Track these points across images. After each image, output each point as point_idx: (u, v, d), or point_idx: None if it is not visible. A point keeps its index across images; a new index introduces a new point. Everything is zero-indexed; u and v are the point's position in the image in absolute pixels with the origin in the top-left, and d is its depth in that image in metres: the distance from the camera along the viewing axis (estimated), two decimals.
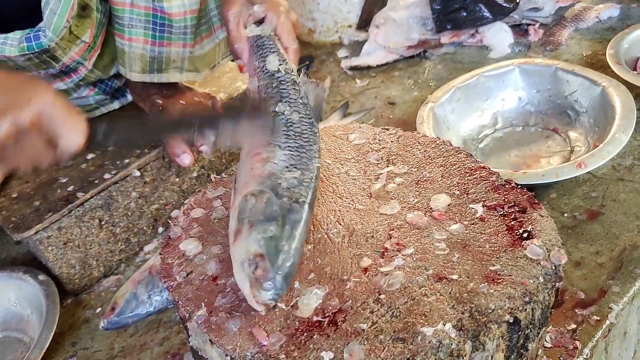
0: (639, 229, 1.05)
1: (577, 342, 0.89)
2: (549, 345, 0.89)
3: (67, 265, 1.19)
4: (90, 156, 1.28)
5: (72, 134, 0.74)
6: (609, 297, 0.95)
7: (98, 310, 1.20)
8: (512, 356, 0.67)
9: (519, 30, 1.71)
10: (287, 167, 0.75)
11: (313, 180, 0.76)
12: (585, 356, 0.89)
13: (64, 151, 0.75)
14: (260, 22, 1.00)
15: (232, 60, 1.28)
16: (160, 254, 0.81)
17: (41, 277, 1.16)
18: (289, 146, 0.78)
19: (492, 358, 0.63)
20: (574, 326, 0.92)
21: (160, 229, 1.32)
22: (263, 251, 0.67)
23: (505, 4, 1.66)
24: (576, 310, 0.94)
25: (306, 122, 0.82)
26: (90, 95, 1.33)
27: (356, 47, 1.87)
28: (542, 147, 1.29)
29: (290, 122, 0.81)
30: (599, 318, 0.92)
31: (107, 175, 1.21)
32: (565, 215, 1.11)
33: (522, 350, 0.68)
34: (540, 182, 1.08)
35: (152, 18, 1.17)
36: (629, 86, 1.22)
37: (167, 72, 1.24)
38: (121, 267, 1.28)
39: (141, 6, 1.16)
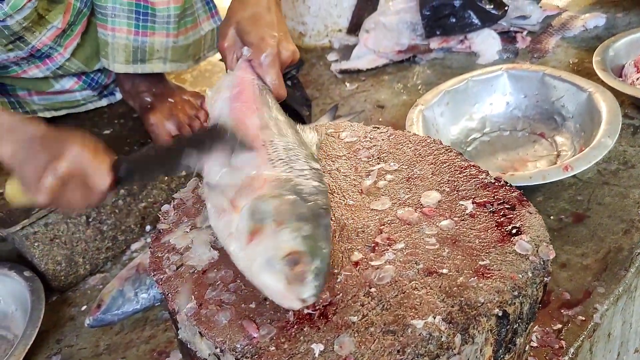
0: (623, 231, 1.07)
1: (563, 342, 0.90)
2: (535, 344, 0.90)
3: (53, 262, 1.18)
4: None
5: (99, 176, 0.83)
6: (594, 298, 0.97)
7: (84, 307, 1.19)
8: (500, 350, 0.67)
9: (507, 37, 1.74)
10: (303, 177, 0.74)
11: (327, 193, 0.75)
12: (570, 356, 0.90)
13: (97, 191, 0.84)
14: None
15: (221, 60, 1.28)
16: (149, 247, 0.81)
17: (26, 273, 1.15)
18: (299, 160, 0.78)
19: (481, 351, 0.64)
20: (559, 326, 0.93)
21: (148, 227, 1.31)
22: (302, 248, 0.64)
23: (493, 12, 1.68)
24: (562, 311, 0.95)
25: (309, 153, 0.82)
26: (75, 88, 1.32)
27: (346, 51, 1.89)
28: (529, 152, 1.30)
29: (296, 145, 0.81)
30: (584, 318, 0.94)
31: None
32: (552, 218, 1.13)
33: (510, 345, 0.68)
34: (527, 184, 1.09)
35: (136, 7, 1.18)
36: (615, 93, 1.24)
37: (150, 62, 1.24)
38: (108, 265, 1.27)
39: None
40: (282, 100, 0.95)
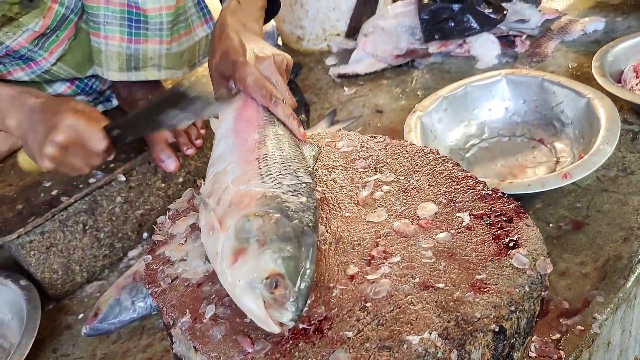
0: (622, 239, 1.06)
1: (562, 352, 0.90)
2: (533, 354, 0.89)
3: (50, 270, 1.18)
4: None
5: (95, 140, 0.94)
6: (593, 307, 0.96)
7: (80, 316, 1.18)
8: None
9: (506, 41, 1.73)
10: (291, 192, 0.73)
11: (316, 209, 0.74)
12: None
13: (96, 153, 0.95)
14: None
15: None
16: (144, 259, 0.80)
17: (22, 282, 1.14)
18: (289, 174, 0.77)
19: None
20: (558, 336, 0.92)
21: (145, 235, 1.30)
22: (282, 271, 0.63)
23: (492, 16, 1.68)
24: (560, 320, 0.94)
25: (303, 165, 0.82)
26: (68, 93, 1.32)
27: (344, 55, 1.88)
28: (528, 158, 1.30)
29: (289, 157, 0.81)
30: (583, 328, 0.93)
31: (91, 180, 1.20)
32: (551, 225, 1.12)
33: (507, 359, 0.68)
34: (526, 192, 1.08)
35: (128, 15, 1.17)
36: (614, 98, 1.23)
37: (145, 70, 1.23)
38: (105, 273, 1.27)
39: (116, 2, 1.16)
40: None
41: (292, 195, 0.72)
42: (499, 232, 0.73)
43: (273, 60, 0.94)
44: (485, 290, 0.66)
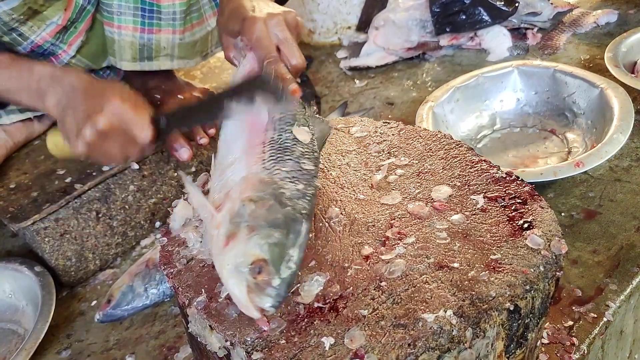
0: (636, 228, 1.06)
1: (574, 339, 0.90)
2: (545, 341, 0.89)
3: (64, 257, 1.19)
4: None
5: (140, 128, 0.87)
6: (606, 295, 0.96)
7: (93, 303, 1.19)
8: (512, 345, 0.67)
9: (518, 34, 1.72)
10: (289, 179, 0.73)
11: (314, 196, 0.73)
12: (582, 352, 0.89)
13: (140, 143, 0.88)
14: None
15: None
16: (159, 241, 0.81)
17: (37, 268, 1.15)
18: (291, 160, 0.76)
19: (492, 345, 0.63)
20: (570, 323, 0.92)
21: (158, 224, 1.31)
22: (267, 256, 0.64)
23: (504, 8, 1.67)
24: (573, 308, 0.94)
25: (309, 150, 0.80)
26: None
27: (355, 48, 1.88)
28: (540, 148, 1.30)
29: (296, 141, 0.79)
30: (595, 315, 0.93)
31: (105, 168, 1.21)
32: (563, 214, 1.12)
33: (521, 340, 0.68)
34: (539, 180, 1.08)
35: (141, 4, 1.18)
36: (627, 89, 1.23)
37: (157, 59, 1.24)
38: (117, 261, 1.27)
39: None
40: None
41: (289, 181, 0.72)
42: (513, 213, 0.73)
43: (284, 18, 0.91)
44: (500, 269, 0.66)
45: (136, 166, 1.24)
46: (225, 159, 0.81)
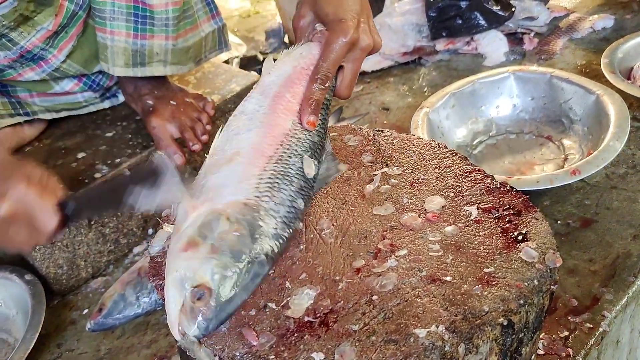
0: (632, 237, 1.05)
1: (570, 350, 0.89)
2: (541, 352, 0.88)
3: (55, 265, 1.17)
4: (80, 155, 1.27)
5: (45, 216, 0.78)
6: (602, 304, 0.95)
7: (85, 311, 1.18)
8: None
9: (514, 38, 1.72)
10: (274, 212, 0.70)
11: (288, 240, 0.71)
12: None
13: (43, 232, 0.79)
14: None
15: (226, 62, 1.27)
16: (149, 252, 0.80)
17: (28, 276, 1.14)
18: (286, 191, 0.73)
19: None
20: (566, 333, 0.91)
21: (150, 231, 1.30)
22: (214, 287, 0.62)
23: (500, 13, 1.67)
24: (569, 318, 0.93)
25: (308, 186, 0.77)
26: (75, 90, 1.32)
27: None
28: (536, 155, 1.29)
29: (300, 172, 0.75)
30: (591, 326, 0.92)
31: (97, 175, 1.20)
32: (559, 222, 1.11)
33: (515, 355, 0.67)
34: (535, 188, 1.07)
35: (134, 10, 1.17)
36: (623, 95, 1.22)
37: (150, 65, 1.23)
38: (110, 269, 1.26)
39: None
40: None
41: (272, 216, 0.69)
42: (507, 225, 0.72)
43: (374, 46, 0.86)
44: (494, 283, 0.65)
45: (128, 173, 1.22)
46: (230, 144, 0.78)
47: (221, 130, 0.81)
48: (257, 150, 0.76)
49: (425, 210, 0.76)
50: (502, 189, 0.78)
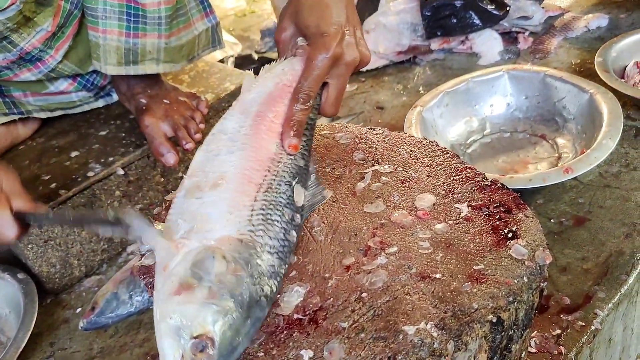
0: (625, 235, 1.05)
1: (562, 348, 0.89)
2: (533, 350, 0.88)
3: (48, 264, 1.17)
4: (74, 154, 1.27)
5: (3, 228, 0.78)
6: (595, 302, 0.95)
7: (78, 310, 1.18)
8: (495, 357, 0.65)
9: (509, 38, 1.72)
10: (269, 248, 0.67)
11: (284, 275, 0.68)
12: None
13: (4, 240, 0.79)
14: None
15: (221, 61, 1.26)
16: (139, 249, 0.79)
17: (20, 275, 1.13)
18: (279, 223, 0.70)
19: (474, 358, 0.62)
20: (558, 331, 0.91)
21: None
22: (216, 338, 0.58)
23: (495, 12, 1.67)
24: (561, 316, 0.93)
25: (300, 211, 0.74)
26: (70, 89, 1.31)
27: None
28: (530, 153, 1.29)
29: (290, 201, 0.73)
30: (584, 324, 0.92)
31: (90, 173, 1.19)
32: (552, 220, 1.11)
33: (505, 352, 0.67)
34: (528, 187, 1.07)
35: (126, 9, 1.16)
36: (617, 94, 1.22)
37: (143, 63, 1.22)
38: (103, 268, 1.26)
39: None
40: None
41: (268, 252, 0.66)
42: (497, 222, 0.72)
43: (360, 60, 0.82)
44: (483, 280, 0.65)
45: (122, 172, 1.22)
46: (212, 166, 0.73)
47: (199, 149, 0.77)
48: (244, 176, 0.72)
49: (415, 207, 0.76)
50: (492, 186, 0.78)
